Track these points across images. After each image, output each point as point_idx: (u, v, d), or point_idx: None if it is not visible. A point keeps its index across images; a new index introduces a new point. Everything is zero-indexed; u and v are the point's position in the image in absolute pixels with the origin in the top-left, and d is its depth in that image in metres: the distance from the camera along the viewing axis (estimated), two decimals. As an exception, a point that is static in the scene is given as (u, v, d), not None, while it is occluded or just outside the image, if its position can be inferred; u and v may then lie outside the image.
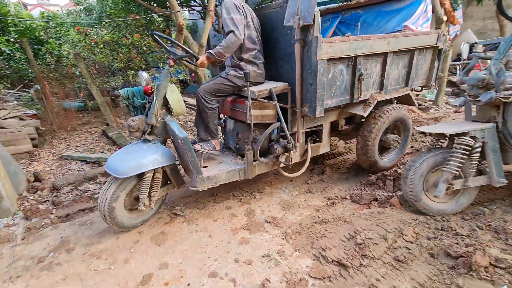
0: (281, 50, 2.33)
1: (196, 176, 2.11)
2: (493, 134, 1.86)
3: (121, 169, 1.88)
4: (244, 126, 2.37)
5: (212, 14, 4.12)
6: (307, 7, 1.91)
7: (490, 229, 1.82)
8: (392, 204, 2.21)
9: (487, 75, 1.83)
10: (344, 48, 2.13)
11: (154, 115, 2.05)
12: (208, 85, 2.26)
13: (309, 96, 2.14)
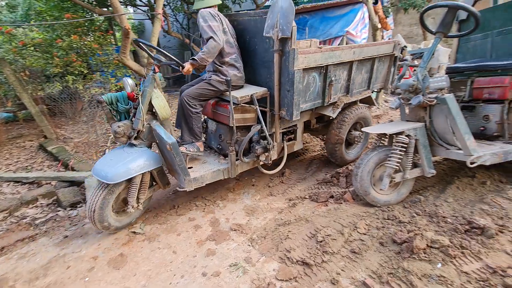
0: (260, 57, 2.50)
1: (184, 178, 2.21)
2: (423, 132, 2.16)
3: (110, 175, 1.94)
4: (226, 128, 2.50)
5: (161, 17, 3.95)
6: (286, 22, 2.11)
7: (425, 214, 2.11)
8: (346, 199, 2.41)
9: (415, 82, 2.11)
10: (317, 58, 2.37)
11: (140, 120, 2.12)
12: (191, 90, 2.35)
13: (286, 101, 2.36)
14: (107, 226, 2.11)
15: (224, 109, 2.38)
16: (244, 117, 2.41)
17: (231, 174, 2.45)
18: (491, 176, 2.44)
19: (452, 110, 1.99)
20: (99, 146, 4.37)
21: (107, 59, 5.54)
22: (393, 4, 8.35)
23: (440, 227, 1.95)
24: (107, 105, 2.19)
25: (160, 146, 2.26)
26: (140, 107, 2.09)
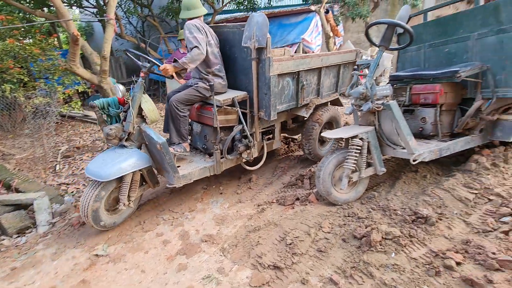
0: (239, 64, 2.79)
1: (173, 175, 2.37)
2: (374, 135, 2.40)
3: (103, 173, 2.10)
4: (210, 129, 2.72)
5: (113, 22, 3.75)
6: (261, 34, 2.41)
7: (379, 208, 2.34)
8: (311, 200, 2.56)
9: (365, 90, 2.34)
10: (290, 65, 2.71)
11: (131, 123, 2.30)
12: (179, 95, 2.58)
13: (264, 103, 2.66)
14: (100, 224, 2.25)
15: (208, 112, 2.64)
16: (227, 118, 2.67)
17: (216, 171, 2.69)
18: (431, 170, 2.80)
19: (396, 115, 2.24)
20: (47, 162, 3.97)
21: (52, 65, 5.05)
22: (342, 13, 9.02)
23: (392, 219, 2.18)
24: (99, 109, 2.37)
25: (150, 147, 2.42)
26: (130, 111, 2.29)
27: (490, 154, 2.65)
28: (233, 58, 2.82)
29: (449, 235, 1.95)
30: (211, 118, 2.58)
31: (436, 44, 2.85)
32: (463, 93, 2.59)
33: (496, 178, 2.43)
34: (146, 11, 9.31)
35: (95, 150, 4.56)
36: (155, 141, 2.21)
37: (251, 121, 2.82)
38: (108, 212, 2.35)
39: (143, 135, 2.38)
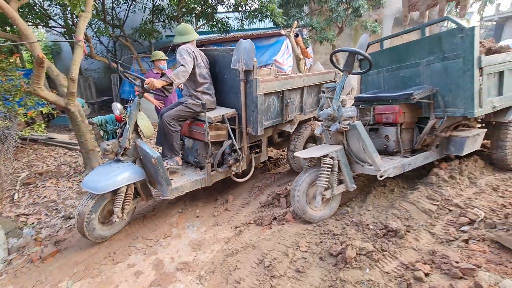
0: (228, 84, 2.99)
1: (167, 188, 2.50)
2: (343, 153, 2.53)
3: (99, 186, 2.21)
4: (202, 144, 2.91)
5: (83, 44, 3.67)
6: (248, 58, 2.67)
7: (353, 223, 2.43)
8: (288, 219, 2.59)
9: (332, 111, 2.49)
10: (275, 85, 2.97)
11: (127, 139, 2.45)
12: (171, 112, 2.77)
13: (252, 119, 2.87)
14: (93, 235, 2.35)
15: (199, 128, 2.84)
16: (217, 133, 2.86)
17: (207, 183, 2.83)
18: (397, 183, 2.99)
19: (362, 134, 2.40)
20: (4, 191, 3.64)
21: (13, 86, 4.74)
22: (310, 37, 9.63)
23: (365, 234, 2.27)
24: (97, 126, 2.50)
25: (144, 161, 2.56)
26: (127, 127, 2.44)
27: (447, 167, 2.90)
28: (222, 78, 3.05)
29: (417, 247, 2.07)
30: (202, 133, 2.78)
31: (392, 69, 3.14)
32: (419, 112, 2.86)
33: (454, 190, 2.66)
34: (117, 31, 9.23)
35: (60, 176, 4.27)
36: (150, 156, 2.37)
37: (240, 136, 3.01)
38: (102, 225, 2.45)
39: (138, 150, 2.54)
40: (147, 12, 9.19)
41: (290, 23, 9.04)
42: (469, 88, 2.42)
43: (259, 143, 3.27)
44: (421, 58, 2.76)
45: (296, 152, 2.63)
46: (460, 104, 2.52)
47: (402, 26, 13.50)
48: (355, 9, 8.63)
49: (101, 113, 11.00)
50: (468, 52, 2.36)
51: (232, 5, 9.26)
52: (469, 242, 2.05)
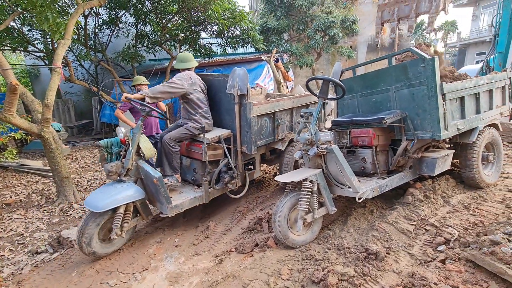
0: (224, 107, 3.22)
1: (167, 206, 2.64)
2: (322, 176, 2.58)
3: (99, 205, 2.35)
4: (199, 163, 3.06)
5: (60, 71, 3.63)
6: (243, 84, 2.89)
7: (335, 247, 2.42)
8: (270, 245, 2.54)
9: (310, 136, 2.57)
10: (267, 107, 3.19)
11: (130, 160, 2.60)
12: (171, 134, 2.97)
13: (246, 139, 3.06)
14: (92, 251, 2.47)
15: (197, 148, 3.01)
16: (214, 153, 3.05)
17: (205, 200, 2.98)
18: (376, 204, 3.05)
19: (339, 158, 2.47)
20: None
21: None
22: (290, 61, 10.10)
23: (347, 258, 2.27)
24: (103, 148, 2.76)
25: (145, 181, 2.71)
26: (130, 149, 2.61)
27: (421, 187, 3.02)
28: (218, 101, 3.28)
29: (397, 269, 2.08)
30: (200, 153, 2.95)
31: (365, 94, 3.32)
32: (392, 135, 3.00)
33: (429, 209, 2.74)
34: (100, 55, 9.23)
35: (30, 206, 4.01)
36: (152, 176, 2.54)
37: (235, 155, 3.19)
38: (102, 242, 2.56)
39: (140, 170, 2.70)
40: (130, 37, 9.32)
41: (270, 48, 9.48)
42: (434, 113, 2.60)
43: (253, 160, 3.43)
44: (390, 85, 2.95)
45: (276, 177, 2.65)
46: (428, 127, 2.68)
47: (375, 51, 14.53)
48: (330, 37, 9.22)
49: (80, 137, 10.69)
50: (430, 80, 2.56)
51: (215, 31, 9.61)
52: (446, 262, 2.09)
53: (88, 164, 6.43)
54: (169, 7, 8.42)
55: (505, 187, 3.16)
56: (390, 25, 13.57)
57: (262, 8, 10.55)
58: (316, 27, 9.00)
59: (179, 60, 3.13)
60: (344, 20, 9.19)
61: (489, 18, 20.96)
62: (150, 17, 8.77)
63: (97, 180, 4.99)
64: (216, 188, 3.07)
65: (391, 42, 14.14)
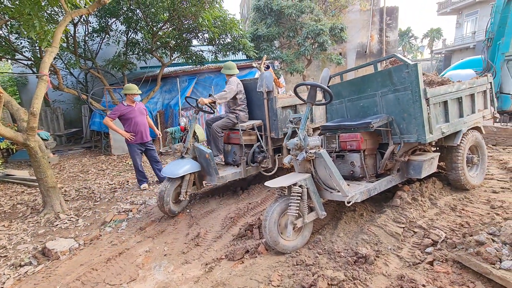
0: (255, 102, 4.11)
1: (215, 176, 3.49)
2: (311, 181, 2.59)
3: (176, 172, 3.30)
4: (237, 147, 3.98)
5: (47, 79, 3.59)
6: (269, 83, 3.80)
7: (325, 252, 2.42)
8: (260, 252, 2.52)
9: (299, 141, 2.59)
10: (289, 101, 4.03)
11: (189, 142, 3.54)
12: (218, 123, 3.84)
13: (274, 126, 3.90)
14: (169, 209, 3.34)
15: (236, 134, 3.89)
16: (249, 138, 3.92)
17: (243, 175, 3.83)
18: (366, 207, 3.07)
19: (327, 162, 2.49)
20: None
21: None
22: (282, 68, 10.21)
23: (337, 262, 2.27)
24: (170, 134, 3.84)
25: (199, 158, 3.60)
26: (189, 134, 3.58)
27: (409, 189, 3.06)
28: (250, 99, 4.14)
29: (387, 272, 2.09)
30: (238, 138, 3.82)
31: (353, 99, 3.38)
32: (379, 139, 3.05)
33: (417, 211, 2.78)
34: (90, 63, 9.16)
35: (14, 217, 3.89)
36: (205, 152, 3.46)
37: (265, 140, 3.99)
38: (173, 203, 3.43)
39: (195, 150, 3.61)
40: (121, 45, 9.29)
41: (261, 56, 9.58)
42: (419, 117, 2.66)
43: (280, 147, 4.14)
44: (376, 90, 3.02)
45: (266, 182, 2.65)
46: (414, 131, 2.74)
47: (364, 58, 14.85)
48: (320, 44, 9.39)
49: (68, 146, 10.49)
50: (414, 85, 2.63)
51: (206, 39, 9.67)
52: (433, 263, 2.12)
53: (76, 173, 6.30)
54: (160, 15, 8.46)
55: (490, 188, 3.24)
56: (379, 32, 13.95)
57: (253, 16, 10.70)
58: (306, 34, 9.17)
59: (227, 68, 3.98)
60: (333, 28, 9.40)
61: (472, 25, 21.82)
62: (141, 25, 8.78)
63: (85, 189, 4.89)
64: (252, 166, 3.88)
65: (379, 49, 14.49)
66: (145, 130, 4.62)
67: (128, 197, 4.34)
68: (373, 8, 13.75)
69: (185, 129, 3.72)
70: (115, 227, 3.30)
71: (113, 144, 8.08)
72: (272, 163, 4.01)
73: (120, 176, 5.65)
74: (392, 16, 14.49)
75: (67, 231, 3.34)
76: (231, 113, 3.95)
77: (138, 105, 4.59)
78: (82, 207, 4.06)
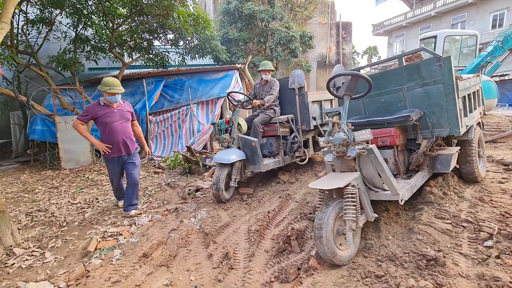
0: (288, 98, 4.50)
1: (261, 164, 3.84)
2: (361, 180, 2.34)
3: (228, 159, 3.65)
4: (274, 139, 4.34)
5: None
6: (301, 79, 4.32)
7: (386, 258, 2.15)
8: (314, 267, 2.14)
9: (345, 136, 2.32)
10: (317, 97, 4.56)
11: (235, 132, 3.92)
12: (258, 119, 4.21)
13: (305, 119, 4.33)
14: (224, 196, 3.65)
15: (273, 127, 4.24)
16: (284, 130, 4.30)
17: (281, 163, 4.21)
18: (397, 206, 2.94)
19: (378, 158, 2.28)
20: None
21: None
22: (253, 73, 10.05)
23: (406, 268, 2.02)
24: (217, 126, 4.38)
25: (243, 148, 3.91)
26: (234, 126, 3.90)
27: (436, 185, 3.05)
28: (283, 95, 4.53)
29: (463, 273, 1.92)
30: (275, 130, 4.20)
31: (371, 96, 3.29)
32: (407, 135, 2.99)
33: (452, 206, 2.75)
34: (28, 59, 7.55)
35: None
36: (251, 140, 3.81)
37: (297, 132, 4.34)
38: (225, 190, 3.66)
39: (240, 140, 3.91)
40: (68, 41, 7.90)
41: (233, 60, 9.26)
42: (452, 110, 2.66)
43: (307, 140, 4.60)
44: (401, 85, 2.97)
45: (311, 184, 2.30)
46: (446, 124, 2.73)
47: (324, 67, 15.73)
48: (291, 50, 9.53)
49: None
50: (447, 78, 2.63)
51: (170, 40, 8.92)
52: (500, 256, 2.03)
53: (18, 193, 4.92)
54: (117, 10, 7.48)
55: (492, 179, 3.45)
56: (336, 44, 14.97)
57: (220, 19, 10.35)
58: (278, 40, 9.19)
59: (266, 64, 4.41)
60: (303, 35, 9.64)
61: (400, 45, 25.26)
62: (92, 20, 7.61)
63: (40, 213, 3.77)
64: (290, 155, 4.27)
65: (336, 59, 15.54)
66: (127, 140, 3.48)
67: (106, 218, 3.46)
68: (330, 22, 14.75)
69: (230, 121, 3.99)
70: (105, 257, 2.50)
71: (64, 156, 6.67)
72: (302, 153, 4.35)
73: (84, 193, 4.58)
74: (347, 30, 15.75)
75: (32, 271, 2.41)
76: (267, 109, 4.34)
77: (120, 106, 3.50)
78: (44, 236, 3.06)
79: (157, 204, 3.86)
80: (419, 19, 21.50)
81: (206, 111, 7.34)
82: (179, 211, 3.46)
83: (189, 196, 4.01)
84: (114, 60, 9.06)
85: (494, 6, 16.75)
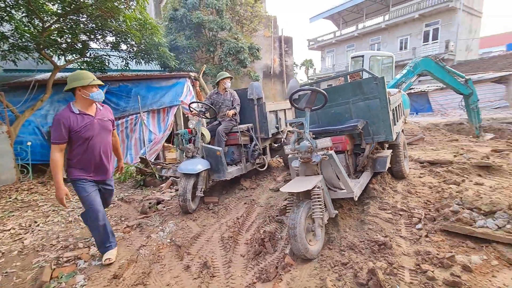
0: (247, 108, 4.76)
1: (225, 172, 3.96)
2: (324, 182, 2.68)
3: (193, 169, 3.67)
4: (235, 147, 4.52)
5: None
6: (259, 91, 4.60)
7: (346, 248, 2.51)
8: (290, 263, 2.36)
9: (309, 144, 2.63)
10: (273, 107, 4.90)
11: (199, 142, 3.98)
12: (221, 127, 4.33)
13: (263, 128, 4.67)
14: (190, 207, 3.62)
15: (234, 136, 4.43)
16: (244, 138, 4.53)
17: (244, 171, 4.42)
18: (349, 202, 3.41)
19: (337, 162, 2.66)
20: None
21: None
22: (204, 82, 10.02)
23: (363, 254, 2.41)
24: (180, 135, 4.16)
25: (207, 157, 4.00)
26: (198, 136, 3.98)
27: (376, 182, 3.64)
28: (243, 106, 4.75)
29: (404, 252, 2.40)
30: (237, 139, 4.39)
31: (324, 107, 3.74)
32: (354, 141, 3.51)
33: (390, 198, 3.34)
34: None
35: None
36: (215, 149, 3.92)
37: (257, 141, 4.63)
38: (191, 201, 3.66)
39: (204, 149, 3.99)
40: (-22, 37, 6.59)
41: (182, 67, 9.09)
42: (386, 120, 3.26)
43: (265, 147, 4.90)
44: (348, 98, 3.49)
45: (282, 188, 2.53)
46: (382, 131, 3.32)
47: (269, 77, 16.60)
48: (241, 61, 9.86)
49: None
50: (382, 94, 3.22)
51: (110, 43, 8.27)
52: (428, 235, 2.60)
53: None
54: (45, 5, 6.62)
55: (414, 174, 4.29)
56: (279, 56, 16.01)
57: (167, 25, 10.04)
58: (228, 50, 9.41)
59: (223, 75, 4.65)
60: (251, 47, 10.09)
61: (331, 60, 28.45)
62: (11, 15, 6.57)
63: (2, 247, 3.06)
64: (251, 162, 4.52)
65: (280, 70, 16.60)
66: (105, 161, 2.63)
67: (54, 243, 3.05)
68: (273, 36, 15.74)
69: (193, 131, 4.01)
70: (66, 285, 2.24)
71: None
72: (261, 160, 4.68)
73: (16, 217, 3.90)
74: (288, 44, 17.02)
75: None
76: (229, 120, 4.53)
77: (100, 114, 2.57)
78: (-28, 274, 2.53)
79: (114, 222, 3.56)
80: (345, 38, 24.63)
81: (157, 120, 7.01)
82: (143, 226, 3.29)
83: (150, 209, 3.82)
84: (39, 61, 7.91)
85: (400, 32, 20.41)
